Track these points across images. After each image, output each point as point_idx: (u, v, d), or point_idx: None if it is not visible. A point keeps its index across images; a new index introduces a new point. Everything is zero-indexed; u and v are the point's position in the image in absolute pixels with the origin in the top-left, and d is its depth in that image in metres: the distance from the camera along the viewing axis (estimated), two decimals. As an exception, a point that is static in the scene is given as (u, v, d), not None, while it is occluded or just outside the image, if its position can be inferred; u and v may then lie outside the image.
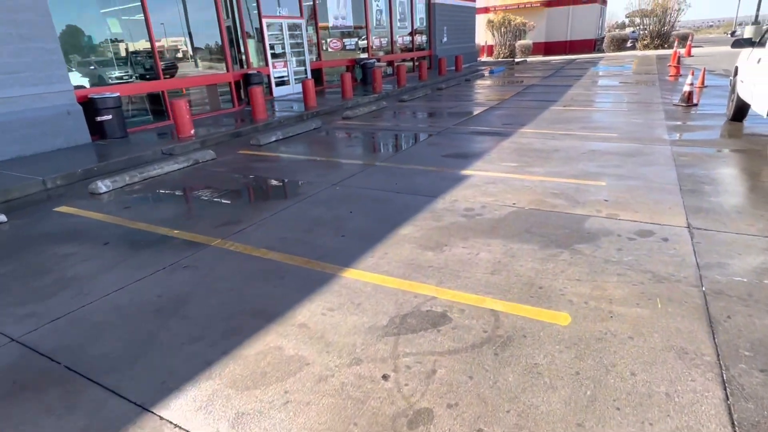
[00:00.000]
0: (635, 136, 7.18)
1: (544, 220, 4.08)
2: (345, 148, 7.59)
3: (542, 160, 6.05)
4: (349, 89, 12.86)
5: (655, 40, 29.40)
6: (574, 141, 7.02)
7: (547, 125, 8.38)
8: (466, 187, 5.10)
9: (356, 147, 7.66)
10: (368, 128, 9.11)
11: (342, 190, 5.27)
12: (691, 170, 5.28)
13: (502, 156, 6.37)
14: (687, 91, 9.64)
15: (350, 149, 7.51)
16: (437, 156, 6.58)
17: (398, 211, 4.48)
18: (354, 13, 16.63)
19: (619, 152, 6.24)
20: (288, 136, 8.51)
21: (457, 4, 23.43)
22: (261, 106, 9.81)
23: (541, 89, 13.93)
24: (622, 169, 5.44)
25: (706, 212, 4.05)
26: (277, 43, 14.07)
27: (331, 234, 4.03)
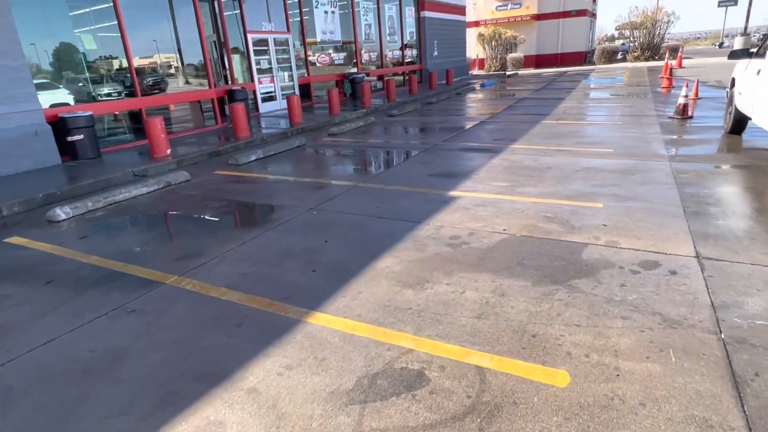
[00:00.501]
0: (631, 151, 6.85)
1: (538, 249, 3.69)
2: (327, 168, 7.21)
3: (534, 179, 5.69)
4: (336, 105, 12.54)
5: (645, 52, 29.50)
6: (567, 157, 6.68)
7: (539, 140, 8.06)
8: (454, 211, 4.71)
9: (339, 166, 7.28)
10: (354, 145, 8.75)
11: (319, 215, 4.86)
12: (694, 189, 4.93)
13: (492, 175, 6.00)
14: (682, 103, 9.38)
15: (332, 168, 7.13)
16: (424, 175, 6.21)
17: (378, 240, 4.08)
18: (343, 27, 16.43)
19: (616, 169, 5.89)
20: (269, 155, 8.12)
21: (446, 18, 23.37)
22: (243, 123, 9.44)
23: (532, 102, 13.68)
24: (620, 189, 5.08)
25: (715, 239, 3.68)
26: (263, 58, 13.79)
27: (300, 268, 3.61)
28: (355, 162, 7.46)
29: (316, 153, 8.31)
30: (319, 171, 6.96)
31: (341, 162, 7.55)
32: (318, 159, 7.86)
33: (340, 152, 8.25)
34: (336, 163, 7.52)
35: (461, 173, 6.18)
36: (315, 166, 7.38)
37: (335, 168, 7.15)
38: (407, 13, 20.13)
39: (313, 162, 7.64)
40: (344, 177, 6.45)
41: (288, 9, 14.48)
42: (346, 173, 6.75)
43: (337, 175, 6.59)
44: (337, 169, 7.08)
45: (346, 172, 6.80)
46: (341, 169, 7.02)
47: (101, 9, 8.92)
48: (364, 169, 6.92)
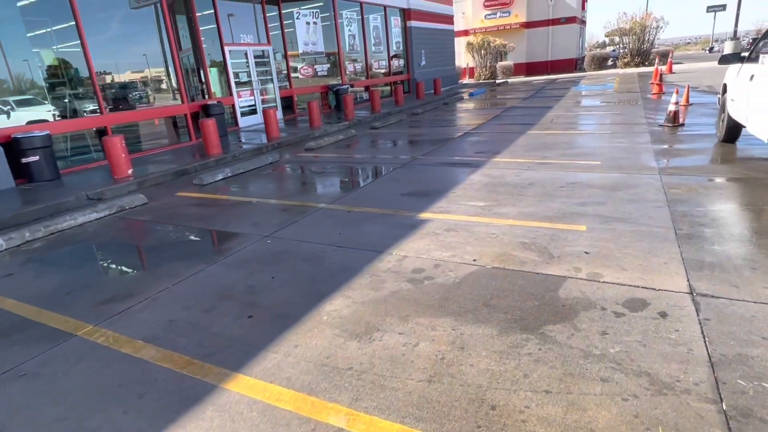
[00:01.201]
0: (620, 163, 6.42)
1: (509, 285, 3.22)
2: (294, 187, 6.75)
3: (514, 197, 5.24)
4: (316, 117, 12.13)
5: (635, 57, 29.35)
6: (551, 171, 6.24)
7: (523, 153, 7.63)
8: (421, 237, 4.25)
9: (307, 185, 6.82)
10: (329, 161, 8.31)
11: (273, 244, 4.39)
12: (686, 207, 4.49)
13: (468, 193, 5.55)
14: (672, 110, 9.00)
15: (299, 188, 6.67)
16: (396, 195, 5.75)
17: (331, 275, 3.61)
18: (326, 38, 16.08)
19: (602, 185, 5.45)
20: (237, 174, 7.67)
21: (434, 27, 23.13)
22: (214, 139, 8.99)
23: (520, 111, 13.31)
24: (606, 208, 4.64)
25: (711, 269, 3.22)
26: (242, 71, 13.39)
27: (236, 313, 3.13)
28: (325, 180, 7.01)
29: (288, 170, 7.86)
30: (284, 191, 6.49)
31: (310, 180, 7.09)
32: (288, 177, 7.40)
33: (312, 169, 7.79)
34: (306, 181, 7.07)
35: (436, 192, 5.73)
36: (281, 185, 6.92)
37: (302, 187, 6.69)
38: (393, 23, 19.85)
39: (281, 181, 7.18)
40: (311, 197, 5.99)
41: (268, 21, 14.14)
42: (313, 193, 6.29)
43: (302, 196, 6.12)
44: (303, 188, 6.62)
45: (314, 192, 6.34)
46: (309, 189, 6.56)
47: (63, 27, 8.51)
48: (333, 188, 6.46)
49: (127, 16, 9.87)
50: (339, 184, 6.71)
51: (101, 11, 9.21)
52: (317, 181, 6.96)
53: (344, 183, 6.72)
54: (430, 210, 5.03)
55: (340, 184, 6.69)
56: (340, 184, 6.65)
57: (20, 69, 8.11)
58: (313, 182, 6.94)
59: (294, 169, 7.89)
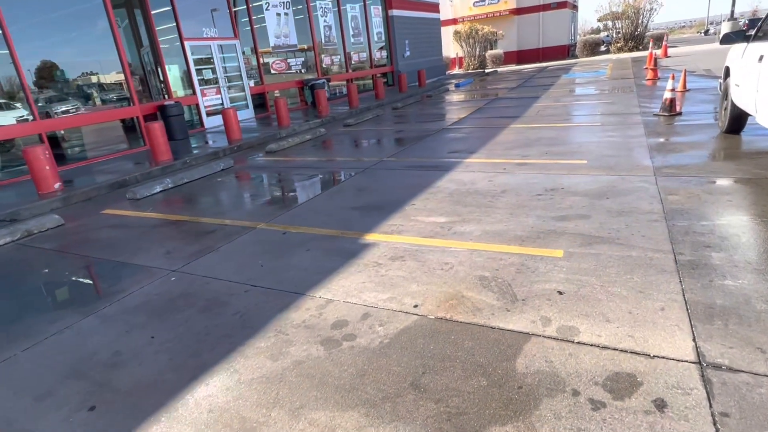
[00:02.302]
0: (609, 162, 5.57)
1: (452, 349, 2.38)
2: (234, 201, 5.88)
3: (482, 210, 4.39)
4: (285, 116, 11.23)
5: (629, 42, 28.36)
6: (530, 174, 5.39)
7: (501, 151, 6.77)
8: (359, 270, 3.41)
9: (250, 198, 5.95)
10: (286, 167, 7.43)
11: (176, 283, 3.54)
12: (687, 221, 3.64)
13: (429, 206, 4.70)
14: (668, 98, 8.13)
15: (240, 202, 5.80)
16: (346, 209, 4.90)
17: (226, 334, 2.76)
18: (299, 30, 15.12)
19: (588, 191, 4.60)
20: (179, 184, 6.80)
21: (418, 16, 22.14)
22: (162, 145, 8.11)
23: (505, 103, 12.42)
24: (590, 223, 3.79)
25: (725, 318, 2.38)
26: (206, 68, 12.47)
27: (76, 402, 2.29)
28: (272, 191, 6.14)
29: (236, 179, 6.98)
30: (222, 206, 5.62)
31: (257, 192, 6.22)
32: (232, 188, 6.53)
33: (263, 177, 6.92)
34: (250, 192, 6.19)
35: (393, 204, 4.87)
36: (222, 199, 6.05)
37: (244, 201, 5.82)
38: (373, 13, 18.86)
39: (224, 193, 6.30)
40: (247, 214, 5.13)
41: (234, 14, 13.18)
42: (252, 209, 5.42)
43: (239, 212, 5.26)
44: (244, 203, 5.75)
45: (253, 208, 5.47)
46: (250, 203, 5.69)
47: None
48: (277, 202, 5.60)
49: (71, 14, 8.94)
50: (286, 196, 5.84)
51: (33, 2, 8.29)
52: (263, 193, 6.09)
53: (292, 195, 5.85)
54: (380, 229, 4.17)
55: (288, 196, 5.82)
56: (287, 197, 5.78)
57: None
58: (257, 194, 6.07)
59: (242, 179, 7.01)
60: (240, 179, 6.94)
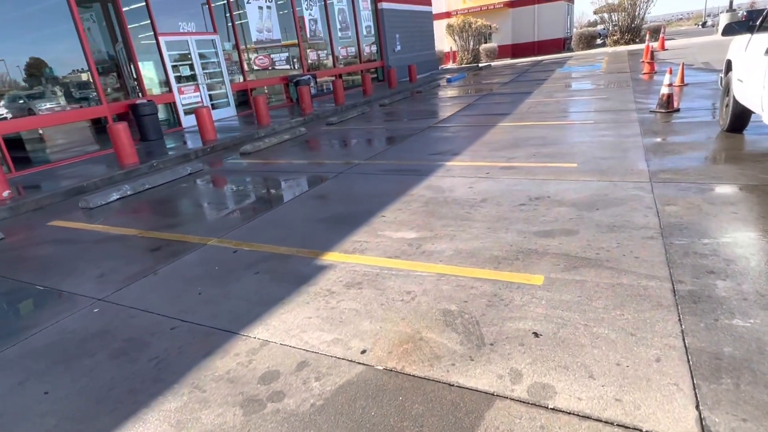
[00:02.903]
0: (601, 165, 5.11)
1: (396, 420, 1.92)
2: (191, 212, 5.39)
3: (457, 223, 3.92)
4: (264, 114, 10.72)
5: (625, 35, 27.82)
6: (514, 180, 4.92)
7: (486, 153, 6.30)
8: (307, 300, 2.94)
9: (209, 208, 5.45)
10: (255, 171, 6.94)
11: (98, 316, 3.06)
12: (687, 238, 3.18)
13: (401, 217, 4.22)
14: (665, 93, 7.66)
15: (197, 213, 5.31)
16: (308, 221, 4.42)
17: (132, 389, 2.29)
18: (283, 24, 14.56)
19: (576, 200, 4.14)
20: (140, 191, 6.31)
21: (409, 9, 21.56)
22: (126, 147, 7.60)
23: (496, 99, 11.93)
24: (576, 240, 3.33)
25: (735, 374, 1.92)
26: (183, 64, 11.93)
27: None
28: (235, 200, 5.65)
29: (200, 185, 6.48)
30: (177, 218, 5.13)
31: (218, 200, 5.74)
32: (193, 196, 6.04)
33: (230, 183, 6.43)
34: (211, 201, 5.70)
35: (362, 215, 4.40)
36: (178, 209, 5.56)
37: (201, 212, 5.33)
38: (361, 6, 18.29)
39: (182, 202, 5.81)
40: (201, 227, 4.64)
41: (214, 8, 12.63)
42: (208, 221, 4.93)
43: (193, 225, 4.78)
44: (202, 213, 5.26)
45: (209, 219, 4.98)
46: (207, 214, 5.19)
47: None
48: (238, 212, 5.11)
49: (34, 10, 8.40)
50: (248, 205, 5.35)
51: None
52: (224, 202, 5.60)
53: (255, 204, 5.36)
54: (342, 247, 3.70)
55: (250, 205, 5.33)
56: (249, 206, 5.29)
57: None
58: (218, 203, 5.58)
59: (209, 184, 6.51)
60: (205, 185, 6.45)
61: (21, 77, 8.44)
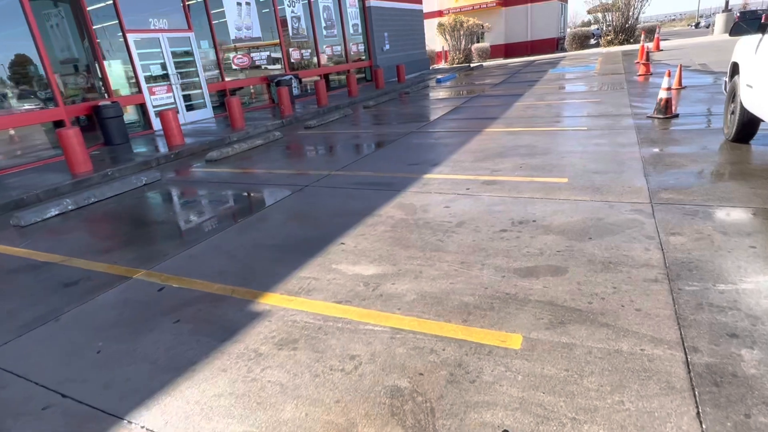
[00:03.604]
0: (595, 181, 4.53)
1: None
2: (129, 234, 4.75)
3: (426, 254, 3.33)
4: (238, 117, 10.07)
5: (619, 35, 27.36)
6: (497, 197, 4.33)
7: (469, 163, 5.71)
8: (223, 368, 2.33)
9: (151, 229, 4.82)
10: (216, 182, 6.31)
11: (-37, 385, 2.44)
12: (699, 282, 2.61)
13: (361, 246, 3.62)
14: (663, 98, 7.11)
15: (135, 235, 4.67)
16: (257, 248, 3.81)
17: None
18: (262, 22, 13.90)
19: (566, 226, 3.55)
20: (83, 206, 5.66)
21: (399, 7, 20.94)
22: (78, 154, 6.94)
23: (485, 101, 11.34)
24: (565, 283, 2.74)
25: None
26: (154, 63, 11.25)
27: None
28: (184, 219, 5.02)
29: (151, 199, 5.84)
30: (108, 242, 4.47)
31: (164, 218, 5.10)
32: (139, 213, 5.39)
33: (184, 197, 5.80)
34: (156, 220, 5.06)
35: (318, 241, 3.79)
36: (116, 230, 4.92)
37: (140, 234, 4.68)
38: (348, 3, 17.65)
39: (124, 220, 5.17)
40: (136, 254, 4.01)
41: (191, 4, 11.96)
42: (143, 246, 4.29)
43: (125, 252, 4.15)
44: (140, 235, 4.62)
45: (145, 244, 4.34)
46: (145, 237, 4.55)
47: None
48: (180, 235, 4.48)
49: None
50: (194, 226, 4.71)
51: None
52: (169, 221, 4.96)
53: (203, 224, 4.73)
54: (286, 286, 3.10)
55: (197, 226, 4.70)
56: (195, 227, 4.65)
57: None
58: (163, 222, 4.94)
59: (161, 198, 5.87)
60: (155, 199, 5.80)
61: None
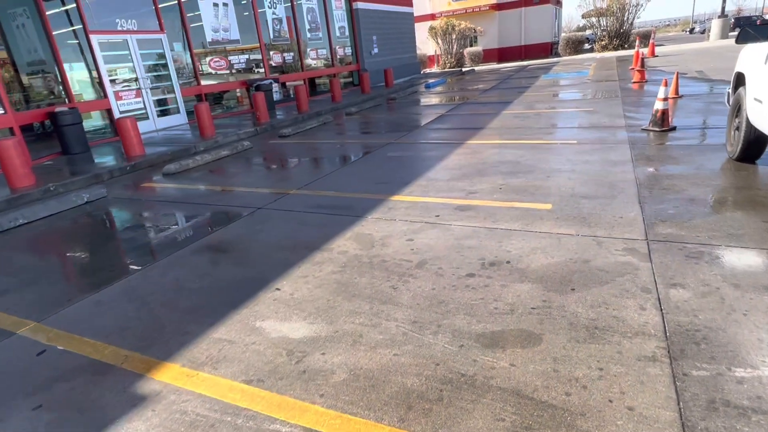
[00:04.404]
0: (582, 209, 3.93)
1: None
2: (43, 268, 4.10)
3: (373, 308, 2.71)
4: (208, 125, 9.43)
5: (613, 40, 26.91)
6: (469, 229, 3.73)
7: (444, 183, 5.10)
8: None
9: (71, 262, 4.17)
10: (166, 201, 5.67)
11: None
12: (710, 365, 2.00)
13: (299, 292, 3.00)
14: (660, 109, 6.55)
15: (47, 271, 4.02)
16: (175, 295, 3.17)
17: None
18: (241, 24, 13.27)
19: (546, 270, 2.95)
20: (6, 229, 5.00)
21: (388, 10, 20.38)
22: (17, 168, 6.28)
23: (472, 108, 10.76)
24: (537, 360, 2.13)
25: None
26: (121, 66, 10.59)
27: None
28: (111, 251, 4.37)
29: (87, 223, 5.19)
30: (20, 277, 3.81)
31: (91, 249, 4.45)
32: (69, 240, 4.75)
33: (124, 221, 5.16)
34: (81, 250, 4.39)
35: (249, 286, 3.17)
36: (33, 261, 4.27)
37: (54, 269, 4.04)
38: (334, 5, 17.05)
39: (48, 249, 4.53)
40: (36, 299, 3.37)
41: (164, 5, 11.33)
42: (50, 286, 3.65)
43: (24, 294, 3.50)
44: (53, 271, 3.98)
45: (53, 283, 3.70)
46: (58, 273, 3.91)
47: None
48: (95, 272, 3.84)
49: None
50: (117, 261, 4.07)
51: None
52: (95, 252, 4.30)
53: (127, 259, 4.08)
54: (191, 353, 2.47)
55: (120, 262, 4.06)
56: (118, 264, 4.01)
57: None
58: (88, 253, 4.28)
59: (97, 221, 5.21)
60: (90, 223, 5.15)
61: None
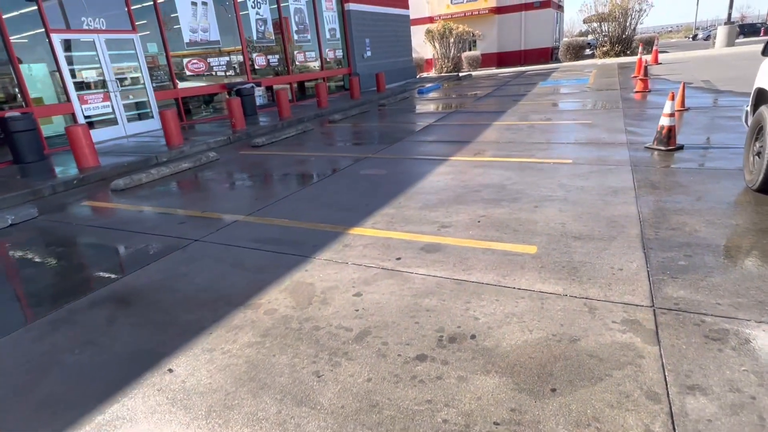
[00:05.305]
0: (573, 255, 3.21)
1: None
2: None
3: (281, 413, 1.98)
4: (174, 133, 8.73)
5: (615, 46, 26.21)
6: (433, 281, 3.00)
7: (415, 212, 4.38)
8: None
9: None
10: (95, 227, 4.95)
11: None
12: None
13: (194, 380, 2.27)
14: (666, 126, 5.84)
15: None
16: (44, 378, 2.45)
17: None
18: (221, 24, 12.57)
19: (519, 355, 2.22)
20: None
21: (382, 12, 19.69)
22: (-61, 183, 5.57)
23: (462, 118, 10.05)
24: None
25: None
26: (88, 68, 9.90)
27: None
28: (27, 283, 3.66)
29: (12, 250, 4.47)
30: None
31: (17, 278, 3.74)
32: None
33: (37, 254, 4.43)
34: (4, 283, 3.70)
35: (141, 363, 2.45)
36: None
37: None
38: (324, 6, 16.37)
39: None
40: None
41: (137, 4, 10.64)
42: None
43: None
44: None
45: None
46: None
47: None
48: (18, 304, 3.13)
49: None
50: (7, 313, 3.36)
51: None
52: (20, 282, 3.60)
53: (5, 319, 3.37)
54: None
55: (8, 316, 3.34)
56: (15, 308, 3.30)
57: None
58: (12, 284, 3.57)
59: (11, 250, 4.49)
60: (13, 251, 4.43)
61: None
